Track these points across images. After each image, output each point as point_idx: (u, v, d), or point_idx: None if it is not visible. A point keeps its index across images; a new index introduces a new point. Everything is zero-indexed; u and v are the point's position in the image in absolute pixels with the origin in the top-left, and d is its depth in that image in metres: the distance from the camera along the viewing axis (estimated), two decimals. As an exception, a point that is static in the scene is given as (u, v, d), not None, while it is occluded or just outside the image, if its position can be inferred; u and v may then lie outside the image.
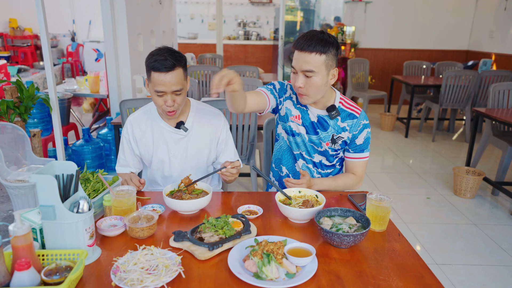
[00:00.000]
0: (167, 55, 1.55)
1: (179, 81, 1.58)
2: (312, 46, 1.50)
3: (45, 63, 2.61)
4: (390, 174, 4.18)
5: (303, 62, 1.53)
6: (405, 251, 1.24)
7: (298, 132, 1.75)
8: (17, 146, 1.54)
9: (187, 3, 9.59)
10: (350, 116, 1.71)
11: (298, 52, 1.54)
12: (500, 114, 3.42)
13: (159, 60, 1.54)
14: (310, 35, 1.53)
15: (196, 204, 1.45)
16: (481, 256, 2.66)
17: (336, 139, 1.72)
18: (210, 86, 1.90)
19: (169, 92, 1.58)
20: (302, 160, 1.81)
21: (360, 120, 1.71)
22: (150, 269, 1.06)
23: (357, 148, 1.74)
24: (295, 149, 1.81)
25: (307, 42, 1.51)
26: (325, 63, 1.54)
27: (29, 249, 0.99)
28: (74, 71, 7.62)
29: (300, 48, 1.53)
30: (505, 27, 6.14)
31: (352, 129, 1.70)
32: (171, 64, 1.54)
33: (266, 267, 1.07)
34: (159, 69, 1.54)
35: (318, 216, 1.33)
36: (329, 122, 1.71)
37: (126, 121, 1.81)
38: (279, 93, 1.77)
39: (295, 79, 1.58)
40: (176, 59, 1.57)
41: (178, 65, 1.57)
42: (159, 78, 1.56)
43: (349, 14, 7.13)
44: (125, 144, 1.81)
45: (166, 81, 1.56)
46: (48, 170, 1.16)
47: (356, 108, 1.72)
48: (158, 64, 1.54)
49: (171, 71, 1.55)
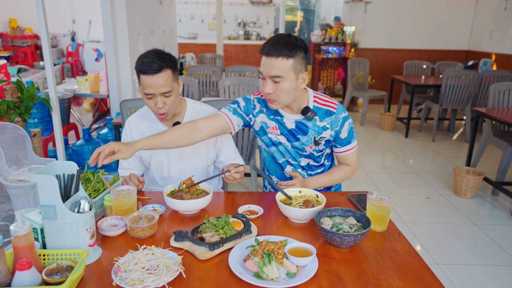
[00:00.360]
0: (154, 57, 1.55)
1: (167, 82, 1.58)
2: (278, 51, 1.45)
3: (45, 63, 2.62)
4: (390, 174, 4.18)
5: (270, 68, 1.47)
6: (406, 251, 1.24)
7: (278, 142, 1.71)
8: (18, 146, 1.54)
9: (187, 3, 9.59)
10: (327, 113, 1.65)
11: (265, 57, 1.48)
12: (500, 114, 3.42)
13: (146, 63, 1.54)
14: (276, 39, 1.47)
15: (197, 204, 1.45)
16: (481, 256, 2.66)
17: (318, 140, 1.67)
18: (209, 87, 1.89)
19: (157, 94, 1.58)
20: (290, 166, 1.78)
21: (338, 114, 1.65)
22: (151, 269, 1.06)
23: (343, 141, 1.69)
24: (279, 158, 1.76)
25: (273, 46, 1.45)
26: (293, 67, 1.47)
27: (30, 249, 1.00)
28: (74, 71, 7.62)
29: (267, 53, 1.47)
30: (505, 27, 6.15)
31: (333, 126, 1.65)
32: (158, 66, 1.54)
33: (266, 267, 1.07)
34: (146, 71, 1.54)
35: (318, 216, 1.33)
36: (308, 124, 1.65)
37: (126, 122, 1.82)
38: (246, 111, 1.71)
39: (264, 85, 1.52)
40: (163, 60, 1.56)
41: (165, 67, 1.56)
42: (147, 81, 1.56)
43: (349, 14, 7.13)
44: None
45: (154, 84, 1.55)
46: (49, 170, 1.16)
47: (331, 103, 1.66)
48: (145, 67, 1.54)
49: (158, 73, 1.55)
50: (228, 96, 3.72)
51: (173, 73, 1.61)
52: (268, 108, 1.69)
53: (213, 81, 4.69)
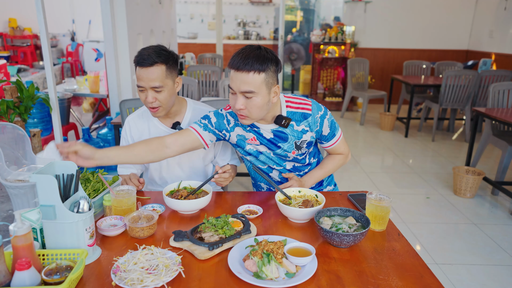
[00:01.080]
0: (151, 51, 1.58)
1: (158, 78, 1.58)
2: (249, 65, 1.37)
3: (45, 63, 2.62)
4: (389, 174, 4.18)
5: (241, 83, 1.39)
6: (405, 251, 1.24)
7: (259, 152, 1.66)
8: (17, 146, 1.54)
9: (186, 2, 9.59)
10: (303, 116, 1.58)
11: (235, 71, 1.40)
12: (500, 113, 3.42)
13: (142, 55, 1.58)
14: (246, 53, 1.40)
15: (196, 204, 1.45)
16: (481, 256, 2.66)
17: (300, 144, 1.62)
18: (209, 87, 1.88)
19: (148, 87, 1.59)
20: (276, 171, 1.73)
21: (314, 115, 1.58)
22: (150, 268, 1.06)
23: (328, 137, 1.65)
24: (263, 166, 1.71)
25: (243, 60, 1.38)
26: (265, 81, 1.41)
27: (29, 248, 1.00)
28: (74, 71, 7.62)
29: (237, 68, 1.39)
30: (505, 26, 6.15)
31: (312, 127, 1.60)
32: (151, 60, 1.56)
33: (266, 266, 1.07)
34: (140, 63, 1.58)
35: (318, 215, 1.33)
36: (285, 131, 1.59)
37: (125, 121, 1.83)
38: (218, 127, 1.63)
39: (234, 100, 1.44)
40: (159, 55, 1.57)
41: (159, 62, 1.57)
42: (139, 73, 1.59)
43: (348, 13, 7.13)
44: (124, 145, 1.81)
45: (144, 77, 1.58)
46: (48, 170, 1.16)
47: (305, 105, 1.59)
48: (139, 59, 1.58)
49: (150, 67, 1.57)
50: (227, 96, 3.72)
51: (167, 69, 1.61)
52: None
53: (213, 81, 4.70)
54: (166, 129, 1.76)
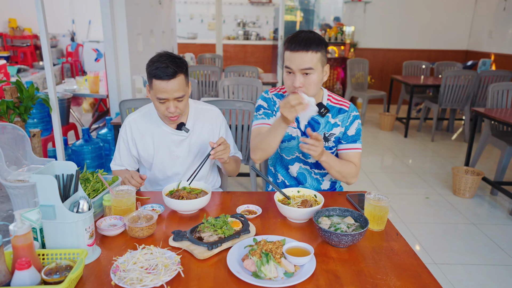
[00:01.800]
0: (168, 62, 1.54)
1: (181, 87, 1.58)
2: (308, 45, 1.52)
3: (44, 63, 2.62)
4: (389, 174, 4.19)
5: (301, 61, 1.53)
6: (403, 251, 1.25)
7: (293, 137, 1.75)
8: (17, 146, 1.55)
9: (186, 3, 9.59)
10: (340, 111, 1.73)
11: (294, 52, 1.54)
12: (499, 114, 3.43)
13: (160, 68, 1.53)
14: (303, 35, 1.55)
15: (195, 204, 1.45)
16: (480, 256, 2.67)
17: (328, 137, 1.73)
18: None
19: (171, 99, 1.58)
20: (298, 163, 1.82)
21: (350, 112, 1.74)
22: (150, 268, 1.06)
23: (349, 138, 1.74)
24: (288, 155, 1.81)
25: (302, 41, 1.53)
26: (320, 60, 1.56)
27: (29, 248, 1.00)
28: (74, 71, 7.62)
29: (296, 49, 1.53)
30: (504, 27, 6.15)
31: (343, 123, 1.73)
32: (173, 71, 1.54)
33: (264, 266, 1.08)
34: (160, 77, 1.54)
35: (316, 215, 1.34)
36: (320, 121, 1.72)
37: (125, 121, 1.81)
38: (271, 108, 1.78)
39: (293, 79, 1.57)
40: (178, 65, 1.56)
41: (179, 72, 1.57)
42: (161, 86, 1.55)
43: (348, 14, 7.13)
44: (121, 145, 1.81)
45: (168, 89, 1.55)
46: (48, 170, 1.17)
47: (344, 103, 1.76)
48: (159, 72, 1.53)
49: (173, 79, 1.55)
50: (227, 96, 3.72)
51: (185, 77, 1.62)
52: None
53: (213, 81, 4.70)
54: (171, 131, 1.75)
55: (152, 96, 1.62)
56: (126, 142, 1.80)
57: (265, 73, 7.33)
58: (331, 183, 1.89)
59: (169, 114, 1.63)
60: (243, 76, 4.79)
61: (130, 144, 1.79)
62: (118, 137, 1.83)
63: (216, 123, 1.83)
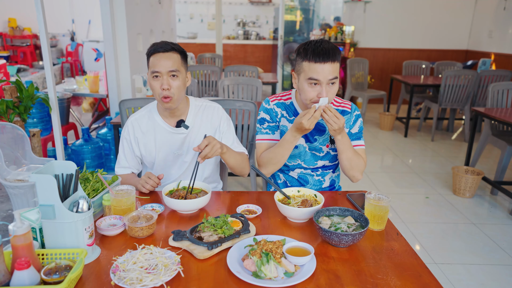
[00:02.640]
0: (165, 41, 1.65)
1: (176, 63, 1.62)
2: (333, 56, 1.54)
3: (44, 62, 2.62)
4: (389, 173, 4.18)
5: (328, 72, 1.54)
6: (403, 250, 1.25)
7: (297, 144, 1.77)
8: (16, 145, 1.55)
9: (186, 2, 9.59)
10: (343, 113, 1.77)
11: (321, 64, 1.53)
12: (499, 113, 3.43)
13: (157, 44, 1.63)
14: (325, 46, 1.55)
15: (195, 204, 1.45)
16: (480, 256, 2.67)
17: (334, 139, 1.72)
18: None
19: (164, 72, 1.60)
20: (300, 169, 1.84)
21: (352, 113, 1.78)
22: (150, 268, 1.06)
23: (353, 136, 1.78)
24: (290, 161, 1.83)
25: (327, 53, 1.53)
26: (338, 68, 1.59)
27: (28, 248, 1.00)
28: (74, 70, 7.62)
29: (323, 60, 1.53)
30: (504, 26, 6.15)
31: (347, 123, 1.78)
32: (169, 47, 1.62)
33: (265, 266, 1.07)
34: (156, 50, 1.62)
35: (316, 215, 1.33)
36: (325, 125, 1.74)
37: (127, 122, 1.80)
38: (274, 120, 1.80)
39: (318, 90, 1.57)
40: (174, 45, 1.64)
41: (175, 50, 1.64)
42: (156, 59, 1.61)
43: (348, 13, 7.13)
44: (125, 145, 1.80)
45: (162, 61, 1.60)
46: (47, 169, 1.16)
47: (346, 104, 1.80)
48: (156, 47, 1.62)
49: (168, 52, 1.62)
50: (227, 96, 3.72)
51: (181, 58, 1.67)
52: (288, 111, 1.78)
53: (213, 81, 4.70)
54: (171, 129, 1.74)
55: (149, 77, 1.65)
56: (129, 142, 1.79)
57: (265, 72, 7.33)
58: (331, 181, 1.89)
59: (162, 92, 1.62)
60: (243, 75, 4.79)
61: (133, 144, 1.78)
62: (120, 139, 1.82)
63: (216, 118, 1.80)
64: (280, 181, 1.91)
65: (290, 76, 7.75)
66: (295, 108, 1.77)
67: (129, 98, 2.51)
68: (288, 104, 1.79)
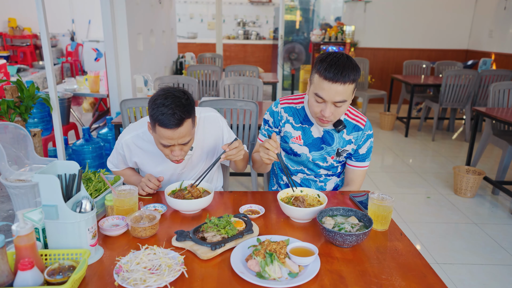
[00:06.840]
0: (174, 107, 1.38)
1: (188, 133, 1.47)
2: (346, 77, 1.40)
3: (45, 62, 2.61)
4: (390, 173, 4.18)
5: (335, 94, 1.43)
6: (407, 250, 1.24)
7: (299, 153, 1.72)
8: (19, 145, 1.54)
9: (186, 2, 9.58)
10: (355, 128, 1.67)
11: (330, 83, 1.41)
12: (500, 113, 3.42)
13: (166, 114, 1.38)
14: (340, 63, 1.40)
15: (198, 204, 1.45)
16: (481, 255, 2.67)
17: (341, 152, 1.70)
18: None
19: (177, 144, 1.48)
20: (302, 174, 1.81)
21: (365, 131, 1.67)
22: (153, 268, 1.06)
23: (359, 157, 1.72)
24: (293, 166, 1.80)
25: (340, 72, 1.39)
26: (353, 89, 1.47)
27: (32, 249, 0.99)
28: (74, 70, 7.62)
29: (333, 79, 1.40)
30: (504, 26, 6.15)
31: (357, 141, 1.68)
32: (180, 118, 1.39)
33: (268, 266, 1.07)
34: (166, 125, 1.39)
35: (320, 215, 1.33)
36: (334, 135, 1.67)
37: (121, 140, 1.68)
38: (276, 124, 1.74)
39: (322, 108, 1.48)
40: (185, 110, 1.41)
41: (187, 118, 1.42)
42: (166, 134, 1.42)
43: (348, 13, 7.13)
44: (119, 157, 1.73)
45: (175, 137, 1.43)
46: (50, 169, 1.16)
47: (361, 119, 1.68)
48: (165, 119, 1.38)
49: (180, 127, 1.41)
50: (227, 96, 3.71)
51: (192, 120, 1.47)
52: (295, 117, 1.69)
53: (213, 81, 4.69)
54: None
55: (155, 139, 1.50)
56: (124, 157, 1.71)
57: (265, 72, 7.32)
58: (335, 184, 1.88)
59: (173, 158, 1.52)
60: (244, 75, 4.78)
61: (127, 160, 1.72)
62: (115, 145, 1.72)
63: (218, 130, 1.74)
64: (282, 182, 1.90)
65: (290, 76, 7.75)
66: (305, 114, 1.68)
67: (130, 98, 2.51)
68: (299, 109, 1.69)
